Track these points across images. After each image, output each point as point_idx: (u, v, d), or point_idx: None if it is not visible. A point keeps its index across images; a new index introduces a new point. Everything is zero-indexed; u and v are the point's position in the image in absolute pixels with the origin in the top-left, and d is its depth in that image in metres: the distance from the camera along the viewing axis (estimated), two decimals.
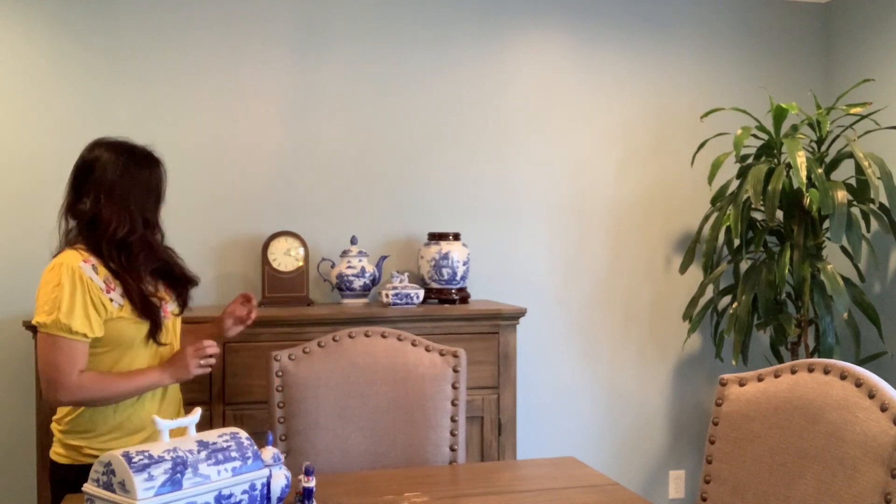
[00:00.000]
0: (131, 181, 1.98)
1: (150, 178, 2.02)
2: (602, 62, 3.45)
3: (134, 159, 2.01)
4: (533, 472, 2.02)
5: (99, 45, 2.96)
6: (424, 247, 3.07)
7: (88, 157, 2.01)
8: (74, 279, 1.86)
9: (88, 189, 1.97)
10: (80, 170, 2.01)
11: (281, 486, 1.56)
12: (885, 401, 1.47)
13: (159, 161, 2.07)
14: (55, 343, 1.83)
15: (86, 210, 1.95)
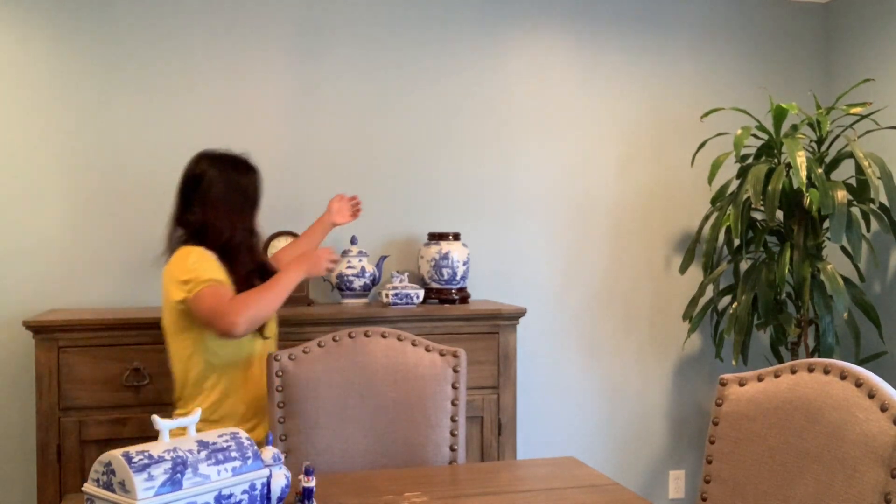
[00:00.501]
0: (234, 191, 2.24)
1: (249, 187, 2.28)
2: (602, 62, 3.45)
3: (236, 170, 2.28)
4: (533, 472, 2.02)
5: (97, 46, 2.96)
6: (424, 247, 3.07)
7: (196, 170, 2.25)
8: (204, 254, 2.14)
9: (197, 200, 2.21)
10: (187, 182, 2.25)
11: (281, 486, 1.56)
12: (885, 401, 1.47)
13: (256, 169, 2.31)
14: (203, 294, 2.07)
15: (194, 219, 2.20)
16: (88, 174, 2.96)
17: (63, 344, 2.54)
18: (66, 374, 2.54)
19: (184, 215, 2.22)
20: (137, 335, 2.60)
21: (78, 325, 2.56)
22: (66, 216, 2.94)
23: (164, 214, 3.00)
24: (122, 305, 2.97)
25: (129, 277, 2.99)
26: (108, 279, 2.97)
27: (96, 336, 2.57)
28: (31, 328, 2.52)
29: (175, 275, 2.13)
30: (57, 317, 2.60)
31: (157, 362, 2.60)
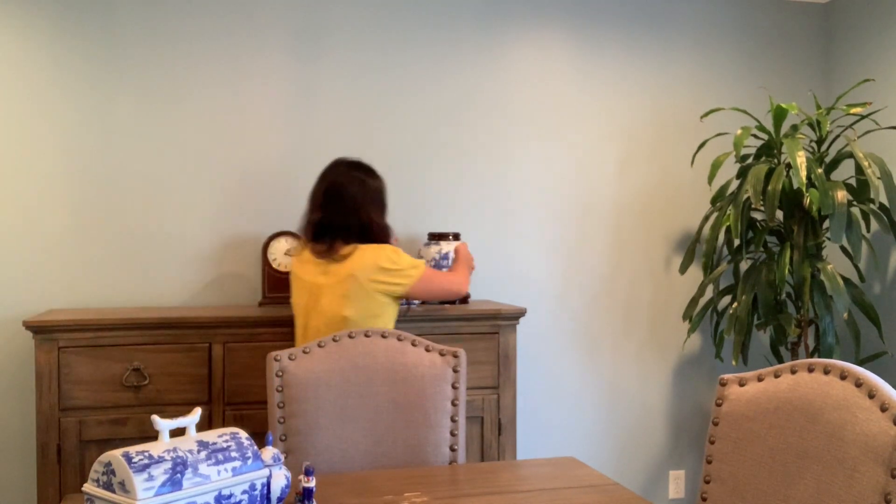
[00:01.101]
0: (382, 194, 2.52)
1: (381, 190, 2.53)
2: (602, 62, 3.45)
3: (376, 176, 2.52)
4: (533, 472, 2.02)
5: (97, 46, 2.96)
6: (424, 247, 3.07)
7: (337, 178, 2.46)
8: (393, 247, 2.45)
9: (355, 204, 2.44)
10: (339, 187, 2.45)
11: (281, 486, 1.56)
12: (885, 401, 1.47)
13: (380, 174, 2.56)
14: (427, 276, 2.48)
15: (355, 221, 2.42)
16: (88, 174, 2.96)
17: (63, 344, 2.54)
18: (66, 374, 2.54)
19: (341, 217, 2.42)
20: (137, 335, 2.60)
21: (78, 325, 2.56)
22: (66, 216, 2.94)
23: (164, 214, 3.02)
24: (122, 305, 2.98)
25: (129, 277, 2.99)
26: (108, 279, 2.97)
27: (96, 336, 2.57)
28: (31, 328, 2.52)
29: (387, 267, 2.39)
30: (57, 317, 2.60)
31: (157, 362, 2.61)
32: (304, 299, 2.44)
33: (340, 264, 2.38)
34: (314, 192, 2.49)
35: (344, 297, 2.36)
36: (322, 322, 2.40)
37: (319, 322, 2.40)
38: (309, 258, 2.44)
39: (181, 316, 2.68)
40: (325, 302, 2.38)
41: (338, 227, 2.42)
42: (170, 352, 2.62)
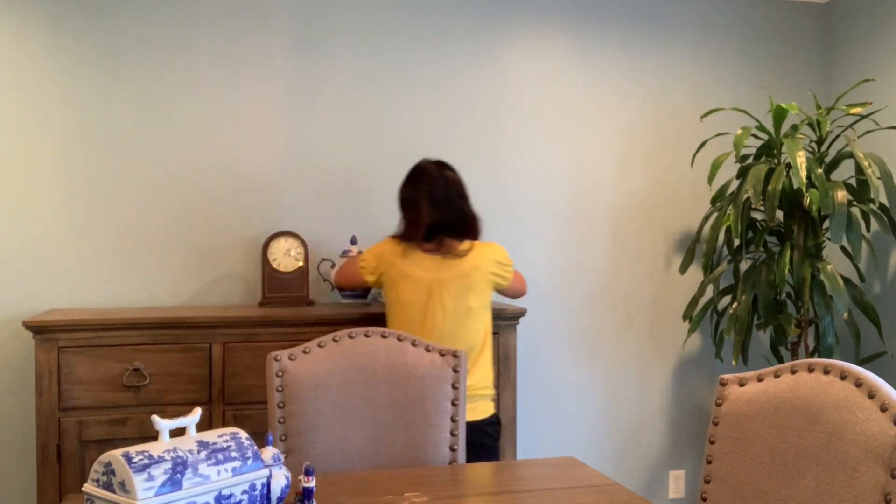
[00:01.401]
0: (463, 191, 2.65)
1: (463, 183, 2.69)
2: (602, 62, 3.45)
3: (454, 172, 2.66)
4: (533, 472, 2.02)
5: (98, 46, 2.97)
6: None
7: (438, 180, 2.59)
8: None
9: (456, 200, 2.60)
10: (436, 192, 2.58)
11: (281, 486, 1.56)
12: (885, 401, 1.47)
13: None
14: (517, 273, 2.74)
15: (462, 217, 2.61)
16: (88, 174, 2.96)
17: (63, 344, 2.54)
18: (66, 374, 2.54)
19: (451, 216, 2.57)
20: (137, 335, 2.60)
21: (78, 325, 2.56)
22: (66, 216, 2.94)
23: (163, 214, 3.02)
24: (122, 305, 2.98)
25: (129, 277, 2.99)
26: (108, 279, 2.97)
27: (96, 336, 2.57)
28: (31, 328, 2.52)
29: (502, 262, 2.62)
30: (57, 317, 2.60)
31: (157, 362, 2.61)
32: (422, 296, 2.52)
33: (461, 259, 2.54)
34: (414, 196, 2.58)
35: (469, 289, 2.53)
36: (443, 315, 2.52)
37: (440, 315, 2.52)
38: (422, 257, 2.54)
39: (181, 316, 2.67)
40: (447, 296, 2.52)
41: (448, 225, 2.57)
42: (170, 352, 2.62)
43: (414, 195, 2.58)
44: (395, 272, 2.56)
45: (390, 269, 2.57)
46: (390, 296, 2.58)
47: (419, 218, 2.56)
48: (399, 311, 2.55)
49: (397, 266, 2.55)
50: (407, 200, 2.61)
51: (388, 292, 2.60)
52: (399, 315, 2.56)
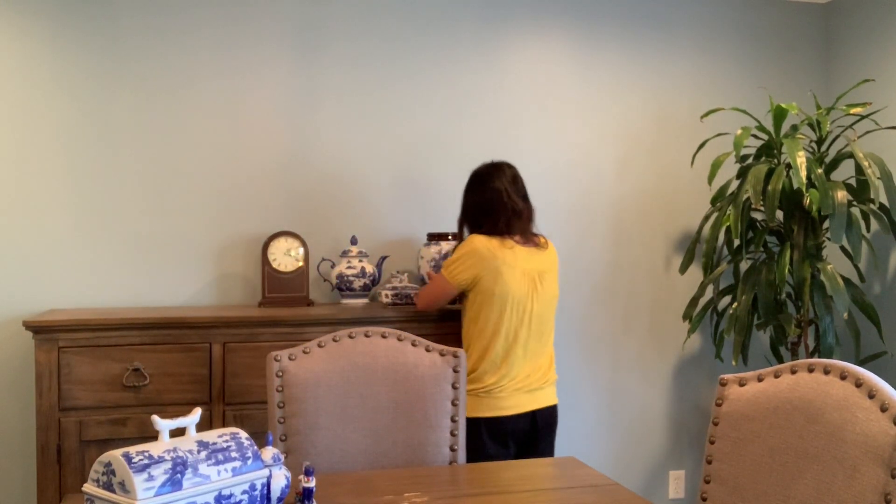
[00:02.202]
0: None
1: None
2: (602, 62, 3.45)
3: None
4: (533, 472, 2.02)
5: (98, 46, 2.97)
6: (424, 247, 3.07)
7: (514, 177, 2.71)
8: None
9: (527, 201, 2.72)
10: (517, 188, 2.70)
11: (281, 486, 1.56)
12: (885, 401, 1.47)
13: None
14: None
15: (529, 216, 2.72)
16: (89, 174, 2.96)
17: (63, 344, 2.54)
18: (66, 374, 2.54)
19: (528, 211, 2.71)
20: (137, 335, 2.60)
21: (78, 325, 2.56)
22: (67, 216, 2.94)
23: (164, 214, 3.02)
24: (122, 305, 2.98)
25: (129, 277, 2.99)
26: (108, 279, 2.97)
27: (96, 336, 2.57)
28: (31, 328, 2.52)
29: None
30: (57, 317, 2.60)
31: (157, 362, 2.61)
32: (524, 287, 2.58)
33: (547, 250, 2.68)
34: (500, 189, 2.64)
35: (553, 279, 2.68)
36: (540, 304, 2.62)
37: (539, 304, 2.61)
38: (517, 248, 2.60)
39: (181, 316, 2.67)
40: (545, 285, 2.63)
41: (528, 218, 2.69)
42: (170, 352, 2.62)
43: (500, 188, 2.65)
44: (497, 264, 2.56)
45: (492, 262, 2.56)
46: (493, 289, 2.56)
47: (507, 211, 2.63)
48: (499, 304, 2.56)
49: (499, 258, 2.57)
50: (495, 194, 2.64)
51: (486, 286, 2.56)
52: (499, 306, 2.56)
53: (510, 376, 2.56)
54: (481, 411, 2.54)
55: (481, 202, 2.66)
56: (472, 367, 2.57)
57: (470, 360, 2.58)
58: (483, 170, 2.71)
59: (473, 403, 2.54)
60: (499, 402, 2.56)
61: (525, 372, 2.59)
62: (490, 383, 2.56)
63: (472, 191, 2.70)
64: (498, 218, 2.63)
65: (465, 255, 2.59)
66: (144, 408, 2.59)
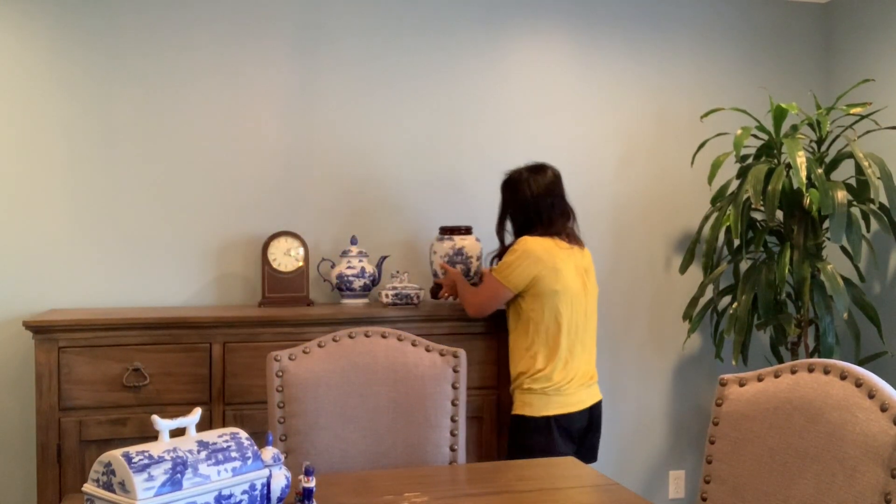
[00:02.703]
0: None
1: None
2: (602, 62, 3.45)
3: None
4: (533, 472, 2.02)
5: (98, 45, 2.96)
6: (437, 241, 3.06)
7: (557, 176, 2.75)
8: None
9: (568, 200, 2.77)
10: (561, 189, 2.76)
11: (281, 486, 1.56)
12: (885, 401, 1.47)
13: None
14: None
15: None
16: (88, 174, 2.96)
17: (63, 344, 2.54)
18: (66, 374, 2.54)
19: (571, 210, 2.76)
20: (137, 335, 2.60)
21: (78, 325, 2.56)
22: (67, 216, 2.94)
23: (163, 214, 3.02)
24: (122, 305, 2.98)
25: (129, 277, 2.99)
26: (108, 279, 2.97)
27: (96, 336, 2.57)
28: (31, 328, 2.52)
29: None
30: (57, 317, 2.60)
31: (157, 362, 2.61)
32: (578, 284, 2.65)
33: (585, 249, 2.75)
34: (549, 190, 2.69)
35: (594, 278, 2.75)
36: (590, 300, 2.70)
37: (589, 301, 2.70)
38: (567, 248, 2.65)
39: (181, 316, 2.67)
40: (591, 282, 2.72)
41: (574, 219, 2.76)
42: (170, 352, 2.62)
43: (551, 190, 2.69)
44: (555, 262, 2.60)
45: (550, 262, 2.59)
46: (555, 287, 2.59)
47: (558, 212, 2.69)
48: (562, 301, 2.60)
49: (556, 257, 2.60)
50: (546, 196, 2.67)
51: (547, 285, 2.59)
52: (562, 304, 2.60)
53: (574, 372, 2.61)
54: (552, 409, 2.58)
55: (532, 204, 2.69)
56: (541, 366, 2.59)
57: (535, 360, 2.60)
58: (528, 172, 2.72)
59: (542, 402, 2.58)
60: (567, 398, 2.60)
61: (584, 367, 2.65)
62: (558, 380, 2.59)
63: (520, 192, 2.71)
64: (551, 219, 2.67)
65: (520, 257, 2.60)
66: (144, 408, 2.58)
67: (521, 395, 2.64)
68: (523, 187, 2.71)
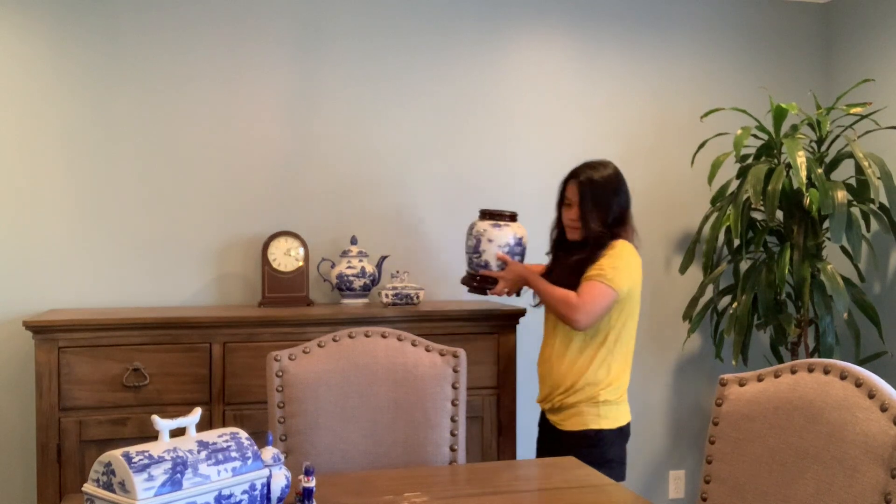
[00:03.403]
0: None
1: None
2: (602, 62, 3.45)
3: None
4: (533, 472, 2.02)
5: (99, 45, 2.96)
6: (491, 227, 2.63)
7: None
8: None
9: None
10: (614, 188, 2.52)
11: (281, 486, 1.56)
12: (885, 401, 1.47)
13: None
14: None
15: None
16: (89, 174, 2.96)
17: (63, 344, 2.54)
18: (66, 374, 2.54)
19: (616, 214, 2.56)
20: (137, 335, 2.60)
21: (78, 325, 2.56)
22: (67, 216, 2.94)
23: (164, 214, 3.02)
24: (122, 305, 2.98)
25: (129, 277, 2.99)
26: (108, 279, 2.97)
27: (96, 336, 2.57)
28: (31, 328, 2.52)
29: None
30: (57, 317, 2.60)
31: (157, 362, 2.61)
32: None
33: None
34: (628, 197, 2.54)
35: None
36: None
37: None
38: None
39: (181, 316, 2.68)
40: None
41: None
42: (170, 352, 2.62)
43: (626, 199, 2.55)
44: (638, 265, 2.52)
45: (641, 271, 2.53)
46: (638, 297, 2.52)
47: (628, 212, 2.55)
48: (636, 309, 2.53)
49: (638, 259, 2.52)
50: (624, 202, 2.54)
51: (636, 295, 2.50)
52: (636, 313, 2.53)
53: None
54: (623, 419, 2.51)
55: (628, 207, 2.55)
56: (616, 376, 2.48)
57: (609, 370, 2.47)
58: (618, 174, 2.54)
59: (617, 413, 2.48)
60: (628, 406, 2.56)
61: None
62: (626, 389, 2.53)
63: (624, 192, 2.54)
64: (630, 227, 2.55)
65: (628, 263, 2.45)
66: (144, 408, 2.58)
67: (595, 408, 2.46)
68: (626, 186, 2.54)
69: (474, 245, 2.64)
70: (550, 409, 2.59)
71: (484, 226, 2.64)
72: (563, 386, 2.49)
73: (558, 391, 2.51)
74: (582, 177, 2.50)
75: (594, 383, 2.45)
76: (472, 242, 2.65)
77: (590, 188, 2.48)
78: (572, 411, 2.48)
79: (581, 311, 2.39)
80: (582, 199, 2.48)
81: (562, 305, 2.43)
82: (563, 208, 2.58)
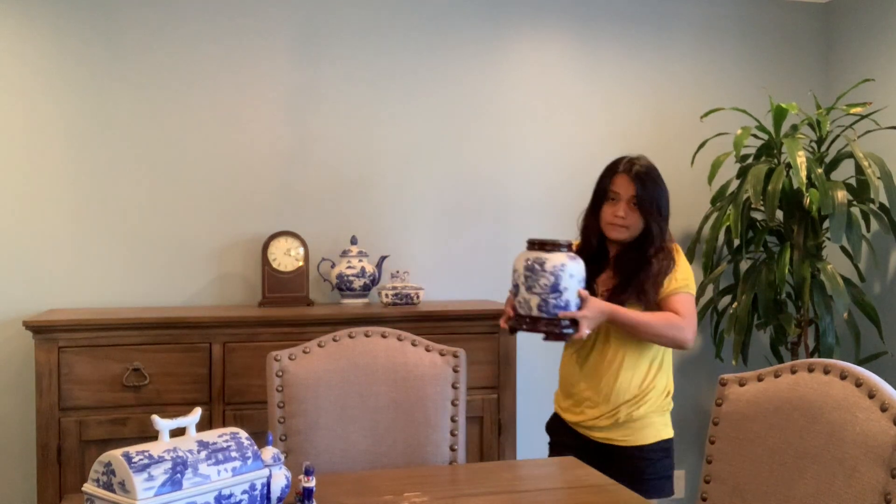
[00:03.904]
0: None
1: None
2: (602, 62, 3.45)
3: None
4: (533, 472, 2.02)
5: (99, 45, 2.96)
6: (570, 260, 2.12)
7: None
8: None
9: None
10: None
11: (281, 486, 1.56)
12: (885, 401, 1.47)
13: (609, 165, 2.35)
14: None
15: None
16: (88, 174, 2.96)
17: (63, 344, 2.54)
18: (66, 374, 2.54)
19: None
20: (137, 335, 2.60)
21: (78, 325, 2.56)
22: (67, 216, 2.94)
23: (164, 214, 3.02)
24: (121, 305, 2.98)
25: (129, 277, 2.99)
26: (108, 279, 2.97)
27: (96, 336, 2.57)
28: (31, 328, 2.52)
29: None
30: (57, 317, 2.60)
31: (157, 362, 2.61)
32: None
33: None
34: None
35: None
36: None
37: None
38: None
39: (181, 316, 2.68)
40: None
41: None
42: (170, 352, 2.62)
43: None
44: None
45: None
46: None
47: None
48: None
49: None
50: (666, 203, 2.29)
51: None
52: None
53: None
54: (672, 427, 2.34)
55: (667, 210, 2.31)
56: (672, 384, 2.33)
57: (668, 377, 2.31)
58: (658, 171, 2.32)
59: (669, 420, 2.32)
60: None
61: None
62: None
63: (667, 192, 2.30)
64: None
65: (688, 266, 2.29)
66: (144, 408, 2.58)
67: (662, 417, 2.28)
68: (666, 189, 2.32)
69: (553, 283, 2.08)
70: (613, 425, 2.24)
71: (561, 259, 2.11)
72: (629, 396, 2.22)
73: (625, 403, 2.22)
74: (636, 168, 2.23)
75: (661, 391, 2.26)
76: (548, 281, 2.09)
77: (650, 182, 2.22)
78: (643, 423, 2.23)
79: (689, 330, 2.19)
80: (644, 193, 2.21)
81: (671, 330, 2.17)
82: (604, 205, 2.32)
